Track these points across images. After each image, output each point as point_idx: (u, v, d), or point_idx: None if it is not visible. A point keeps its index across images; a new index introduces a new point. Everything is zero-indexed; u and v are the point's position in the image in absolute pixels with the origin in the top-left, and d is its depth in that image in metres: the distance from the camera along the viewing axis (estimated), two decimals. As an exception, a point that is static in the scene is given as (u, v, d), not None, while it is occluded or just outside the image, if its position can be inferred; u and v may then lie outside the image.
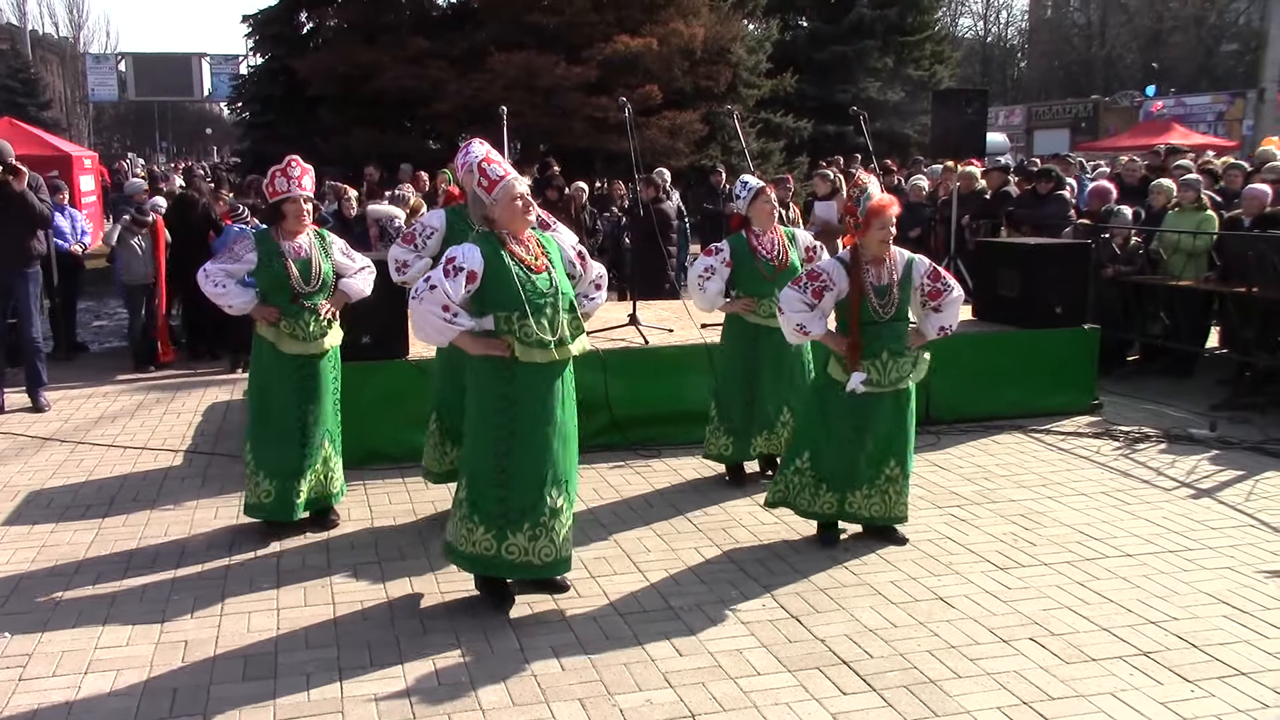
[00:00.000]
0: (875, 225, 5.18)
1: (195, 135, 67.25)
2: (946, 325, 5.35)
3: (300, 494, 5.53)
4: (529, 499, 4.52)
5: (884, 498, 5.42)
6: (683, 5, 17.53)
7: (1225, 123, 36.78)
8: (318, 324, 5.49)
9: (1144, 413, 8.16)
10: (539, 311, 4.43)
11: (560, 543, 4.60)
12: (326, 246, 5.61)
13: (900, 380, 5.30)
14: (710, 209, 14.04)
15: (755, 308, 6.17)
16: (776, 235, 6.30)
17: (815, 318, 5.24)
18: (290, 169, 5.45)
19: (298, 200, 5.42)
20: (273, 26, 20.15)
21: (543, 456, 4.52)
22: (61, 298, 10.79)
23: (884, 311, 5.21)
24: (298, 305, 5.43)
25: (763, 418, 6.31)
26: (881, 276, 5.23)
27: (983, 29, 59.61)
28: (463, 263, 4.37)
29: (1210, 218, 9.21)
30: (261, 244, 5.45)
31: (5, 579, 5.07)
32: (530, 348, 4.42)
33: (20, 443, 7.52)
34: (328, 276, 5.55)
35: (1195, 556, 5.33)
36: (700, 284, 6.19)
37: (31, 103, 42.64)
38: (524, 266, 4.46)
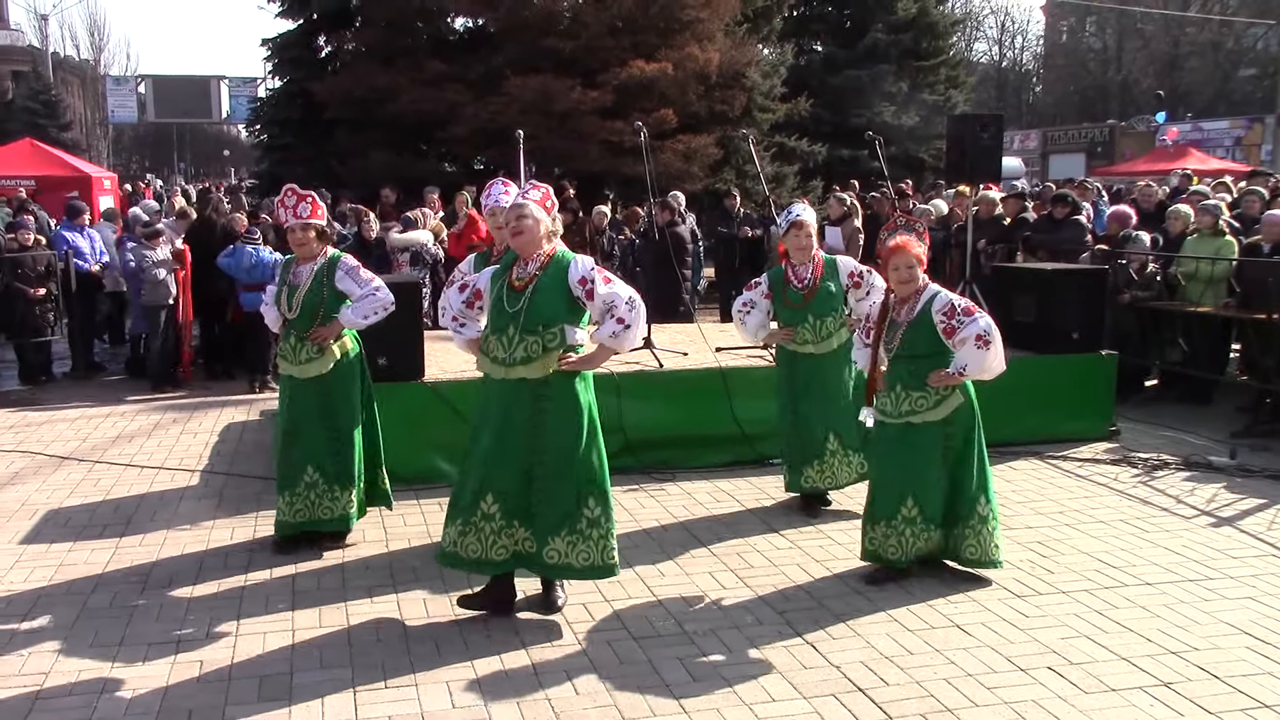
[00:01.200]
0: (890, 266, 5.22)
1: (213, 157, 67.71)
2: (962, 366, 5.10)
3: (281, 511, 5.67)
4: (467, 499, 4.77)
5: (900, 539, 5.24)
6: (698, 30, 17.57)
7: (1243, 148, 36.70)
8: (305, 349, 5.62)
9: (1163, 440, 8.11)
10: (500, 330, 4.69)
11: (488, 545, 4.75)
12: (330, 274, 5.62)
13: (911, 414, 5.21)
14: (725, 233, 14.04)
15: (793, 336, 6.23)
16: (814, 264, 6.30)
17: (864, 355, 5.49)
18: (286, 199, 5.70)
19: (294, 229, 5.64)
20: (291, 50, 20.28)
21: (484, 463, 4.74)
22: (79, 318, 10.87)
23: (889, 348, 5.26)
24: (286, 329, 5.68)
25: (811, 445, 6.25)
26: (900, 314, 5.25)
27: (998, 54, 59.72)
28: (472, 282, 4.96)
29: (1229, 243, 9.17)
30: (283, 268, 5.83)
31: (23, 597, 5.09)
32: (489, 362, 4.75)
33: (38, 462, 7.56)
34: (310, 304, 5.57)
35: (1216, 586, 5.28)
36: (741, 319, 6.40)
37: (52, 124, 42.97)
38: (508, 286, 4.72)
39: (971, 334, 5.05)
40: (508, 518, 4.75)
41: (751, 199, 16.46)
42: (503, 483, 4.73)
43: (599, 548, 4.77)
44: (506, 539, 4.76)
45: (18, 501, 6.63)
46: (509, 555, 4.79)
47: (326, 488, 5.66)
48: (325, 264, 5.66)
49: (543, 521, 4.74)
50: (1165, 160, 28.76)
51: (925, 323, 5.17)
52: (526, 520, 4.77)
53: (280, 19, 20.26)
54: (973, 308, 5.21)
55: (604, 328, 4.72)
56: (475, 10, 18.36)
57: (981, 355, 5.06)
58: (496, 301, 4.73)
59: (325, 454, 5.66)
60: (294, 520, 5.65)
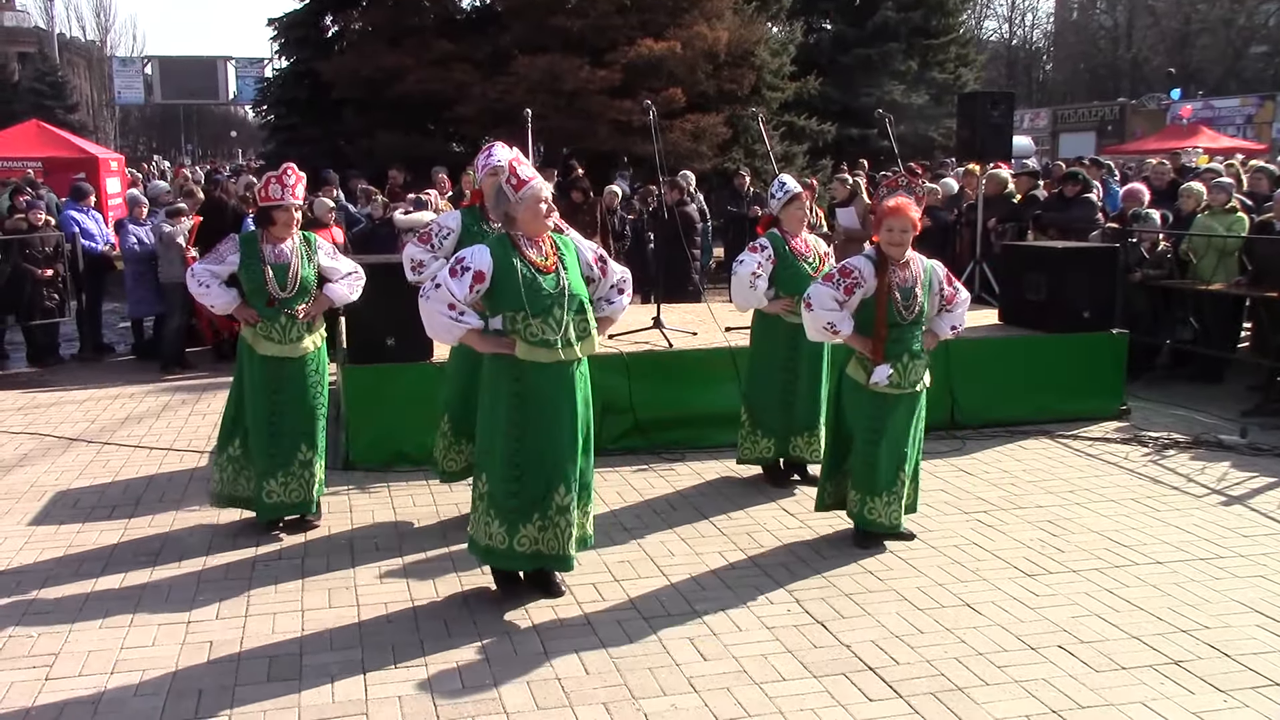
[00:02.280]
0: (885, 227, 5.22)
1: (220, 138, 67.66)
2: (957, 324, 5.51)
3: (273, 494, 5.58)
4: (538, 492, 4.62)
5: (897, 507, 5.39)
6: (706, 9, 17.47)
7: (1254, 125, 36.42)
8: (295, 328, 5.55)
9: (1173, 418, 8.07)
10: (545, 312, 4.52)
11: (564, 539, 4.68)
12: (311, 251, 5.64)
13: (917, 382, 5.34)
14: (734, 212, 14.00)
15: (794, 307, 6.14)
16: (804, 240, 6.32)
17: (844, 317, 5.23)
18: (285, 177, 5.53)
19: (289, 209, 5.52)
20: (298, 30, 20.22)
21: (550, 453, 4.62)
22: (88, 299, 10.88)
23: (907, 314, 5.23)
24: (274, 309, 5.51)
25: (804, 417, 6.29)
26: (906, 279, 5.23)
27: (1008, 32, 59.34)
28: (470, 263, 4.50)
29: (1241, 219, 9.11)
30: (245, 246, 5.54)
31: (32, 578, 5.10)
32: (534, 347, 4.52)
33: (47, 443, 7.58)
34: (306, 282, 5.57)
35: (1227, 564, 5.25)
36: (753, 282, 6.11)
37: (59, 105, 42.96)
38: (532, 267, 4.55)
39: (967, 298, 5.50)
40: (575, 503, 4.71)
41: (761, 178, 16.40)
42: (569, 468, 4.66)
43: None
44: (578, 530, 4.75)
45: (27, 483, 6.64)
46: (574, 540, 4.75)
47: (318, 463, 5.67)
48: (302, 242, 5.62)
49: (579, 500, 4.78)
50: (1176, 138, 28.59)
51: (930, 289, 5.32)
52: (586, 503, 4.81)
53: (287, -2, 20.20)
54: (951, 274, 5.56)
55: (617, 301, 4.91)
56: (482, -11, 18.31)
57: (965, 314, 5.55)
58: (530, 283, 4.50)
59: (314, 432, 5.65)
60: (288, 501, 5.62)
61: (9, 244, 10.16)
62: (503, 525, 4.63)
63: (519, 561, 4.71)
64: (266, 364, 5.56)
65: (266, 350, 5.54)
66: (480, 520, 4.71)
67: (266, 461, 5.57)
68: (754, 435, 6.43)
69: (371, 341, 6.85)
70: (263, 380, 5.58)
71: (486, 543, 4.70)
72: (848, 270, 5.23)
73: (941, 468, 6.79)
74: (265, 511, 5.65)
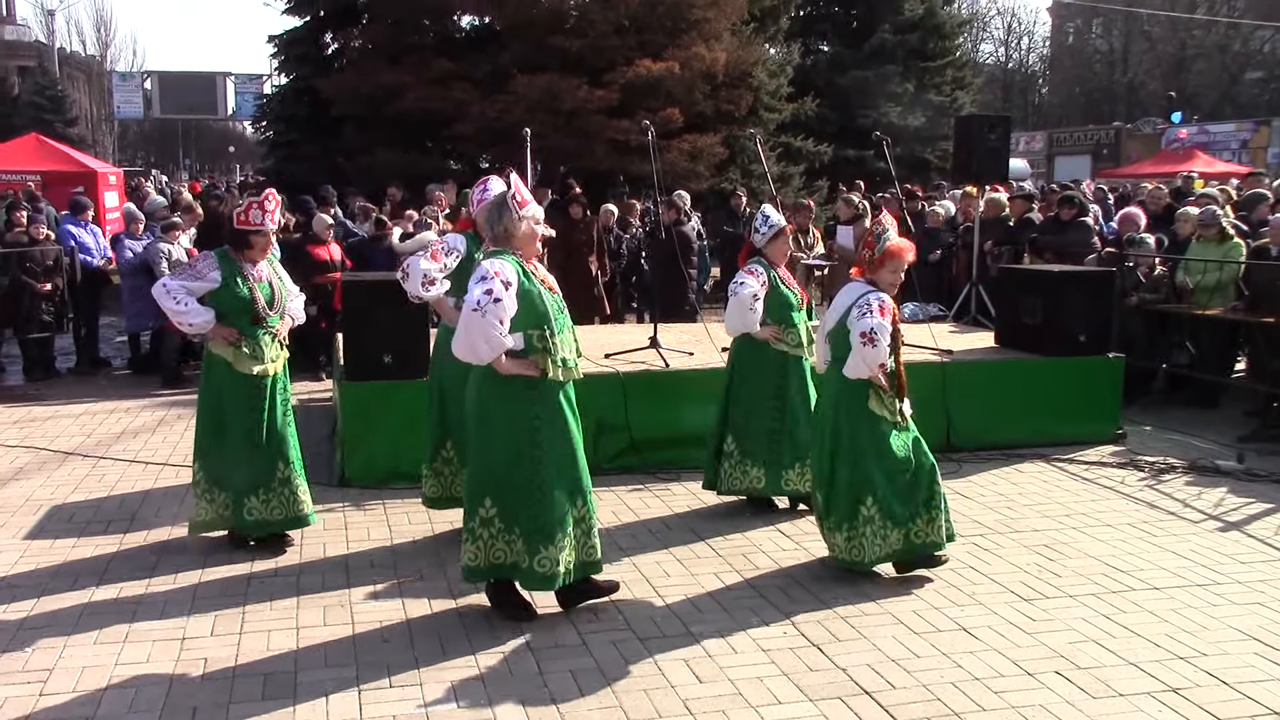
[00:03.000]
0: (889, 267, 5.22)
1: (219, 153, 67.80)
2: None
3: (255, 511, 5.55)
4: (560, 512, 4.65)
5: (933, 524, 5.30)
6: (705, 30, 17.55)
7: (1250, 150, 36.63)
8: (274, 344, 5.60)
9: (1169, 443, 8.08)
10: (561, 331, 4.61)
11: (586, 549, 4.76)
12: (277, 271, 5.75)
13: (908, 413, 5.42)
14: (730, 232, 14.03)
15: (784, 336, 6.17)
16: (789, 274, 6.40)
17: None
18: (266, 203, 5.57)
19: (268, 235, 5.57)
20: (298, 47, 20.28)
21: (570, 470, 4.70)
22: (85, 314, 10.87)
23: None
24: (258, 327, 5.52)
25: (795, 449, 6.16)
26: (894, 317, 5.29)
27: (1004, 55, 59.65)
28: (509, 279, 4.41)
29: (1237, 245, 9.15)
30: (224, 264, 5.48)
31: (27, 593, 5.07)
32: (558, 367, 4.57)
33: (43, 457, 7.56)
34: (284, 301, 5.69)
35: (1224, 591, 5.25)
36: (753, 305, 6.01)
37: (58, 119, 42.99)
38: (544, 286, 4.64)
39: None
40: (592, 517, 4.79)
41: (757, 198, 16.43)
42: (588, 482, 4.79)
43: None
44: (594, 542, 4.81)
45: (22, 497, 6.62)
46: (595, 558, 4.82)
47: (298, 480, 5.65)
48: (270, 263, 5.70)
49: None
50: (1172, 163, 28.71)
51: None
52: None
53: (287, 15, 20.27)
54: None
55: None
56: (482, 8, 18.34)
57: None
58: (554, 303, 4.63)
59: (289, 448, 5.65)
60: (272, 518, 5.59)
61: (8, 257, 10.16)
62: (527, 546, 4.62)
63: (535, 581, 4.69)
64: (247, 382, 5.52)
65: (250, 368, 5.50)
66: (499, 541, 4.65)
67: (250, 479, 5.53)
68: (743, 464, 6.25)
69: (368, 359, 6.85)
70: (245, 398, 5.53)
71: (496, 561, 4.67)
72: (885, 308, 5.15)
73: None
74: (250, 528, 5.61)
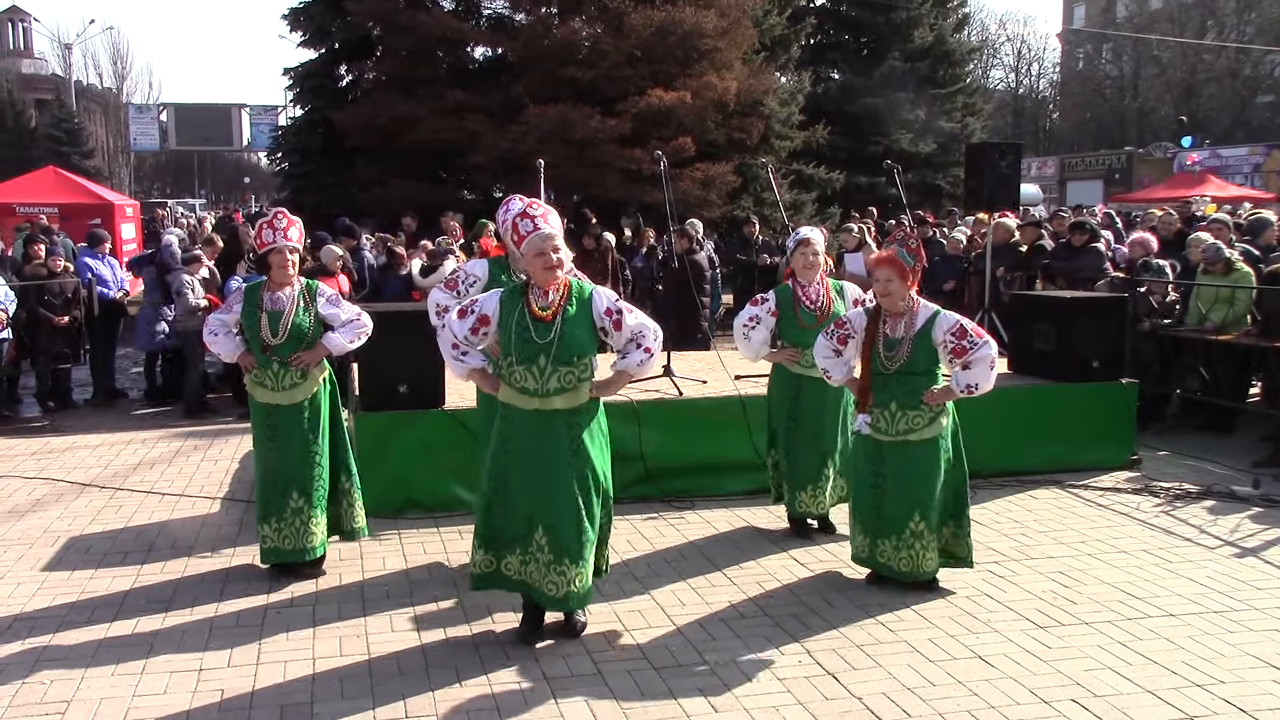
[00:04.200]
0: (874, 277, 5.39)
1: (233, 184, 68.33)
2: (972, 384, 5.25)
3: (269, 539, 5.62)
4: (518, 531, 4.77)
5: (910, 553, 5.39)
6: (716, 59, 17.71)
7: (1262, 174, 36.58)
8: (289, 375, 5.59)
9: (1184, 469, 8.05)
10: (529, 360, 4.63)
11: (542, 577, 4.75)
12: (310, 299, 5.68)
13: (909, 432, 5.34)
14: (743, 260, 14.09)
15: (799, 358, 6.23)
16: (823, 286, 6.35)
17: (838, 364, 5.55)
18: (276, 221, 5.63)
19: (283, 251, 5.56)
20: (313, 79, 20.54)
21: (527, 496, 4.73)
22: (102, 345, 10.96)
23: (889, 364, 5.34)
24: (266, 356, 5.58)
25: (804, 470, 6.29)
26: (896, 329, 5.33)
27: (1014, 81, 59.80)
28: (478, 307, 4.76)
29: (1246, 275, 9.13)
30: (248, 296, 5.66)
31: (45, 625, 5.11)
32: (516, 392, 4.70)
33: (60, 488, 7.61)
34: (299, 329, 5.59)
35: (1241, 618, 5.22)
36: (745, 333, 6.32)
37: (75, 151, 43.57)
38: (530, 316, 4.64)
39: (987, 356, 5.24)
40: (555, 553, 4.70)
41: (770, 226, 16.52)
42: (551, 515, 4.71)
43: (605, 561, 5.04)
44: (557, 576, 4.72)
45: (40, 528, 6.67)
46: (562, 595, 4.74)
47: (311, 514, 5.63)
48: (303, 290, 5.67)
49: (588, 550, 4.77)
50: (1184, 187, 28.70)
51: (927, 341, 5.30)
52: (574, 557, 4.72)
53: (302, 48, 20.53)
54: (980, 329, 5.40)
55: (631, 356, 4.80)
56: (495, 40, 18.56)
57: (990, 376, 5.29)
58: (521, 331, 4.62)
59: (307, 480, 5.63)
60: (284, 547, 5.62)
61: (26, 290, 10.27)
62: (489, 553, 4.83)
63: (507, 584, 4.85)
64: (263, 411, 5.64)
65: (262, 397, 5.63)
66: (472, 548, 4.90)
67: (263, 507, 5.64)
68: (777, 475, 6.50)
69: (383, 389, 6.89)
70: (261, 426, 5.67)
71: (475, 570, 4.88)
72: (841, 322, 5.55)
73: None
74: (265, 555, 5.70)
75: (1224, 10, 45.55)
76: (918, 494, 5.37)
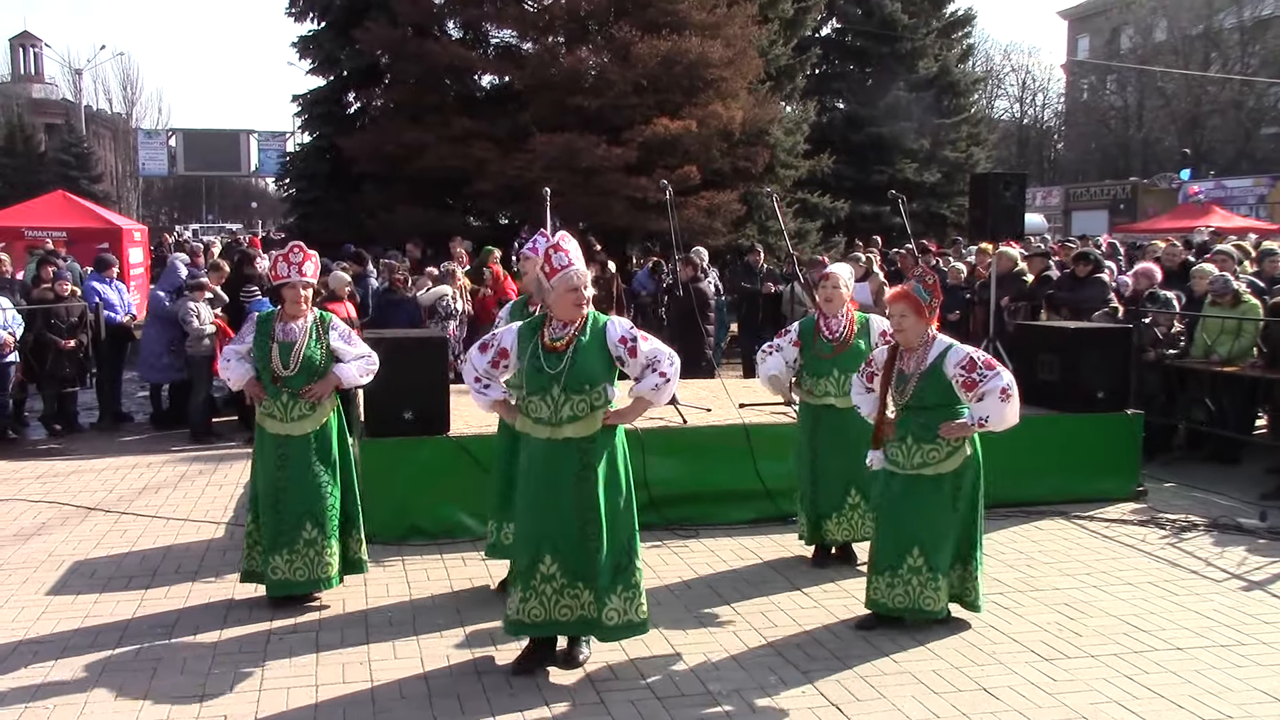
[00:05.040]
0: (887, 311, 5.49)
1: (241, 208, 68.55)
2: (983, 416, 5.15)
3: (278, 570, 5.54)
4: (525, 561, 4.77)
5: (908, 589, 5.31)
6: (721, 88, 17.79)
7: (1267, 205, 36.60)
8: (298, 406, 5.57)
9: (1191, 501, 8.03)
10: (541, 390, 4.70)
11: (551, 606, 4.74)
12: (323, 332, 5.67)
13: (924, 466, 5.30)
14: (748, 288, 14.11)
15: (805, 391, 6.36)
16: (846, 319, 6.37)
17: (869, 399, 5.58)
18: (292, 255, 5.63)
19: (296, 287, 5.58)
20: (321, 106, 20.67)
21: (534, 526, 4.77)
22: (108, 369, 10.99)
23: (899, 398, 5.37)
24: (276, 387, 5.56)
25: (830, 498, 6.33)
26: (909, 365, 5.35)
27: (1019, 111, 60.00)
28: (497, 341, 4.89)
29: (1254, 307, 9.13)
30: (260, 326, 5.67)
31: (49, 649, 5.10)
32: (531, 422, 4.76)
33: (65, 512, 7.62)
34: (311, 361, 5.58)
35: (1249, 652, 5.20)
36: (762, 357, 6.51)
37: (84, 176, 43.76)
38: (543, 348, 4.71)
39: (996, 388, 5.13)
40: (569, 577, 4.74)
41: (774, 255, 16.55)
42: (558, 541, 4.73)
43: (641, 600, 4.90)
44: (571, 599, 4.75)
45: (45, 552, 6.67)
46: (574, 618, 4.78)
47: (326, 543, 5.59)
48: (316, 322, 5.68)
49: (602, 580, 4.75)
50: (1189, 218, 28.72)
51: (937, 375, 5.27)
52: (588, 580, 4.76)
53: (311, 76, 20.66)
54: (993, 361, 5.32)
55: (646, 381, 4.80)
56: (502, 69, 18.68)
57: (1003, 409, 5.17)
58: (533, 362, 4.72)
59: (320, 511, 5.59)
60: (294, 579, 5.57)
61: (34, 313, 10.31)
62: (512, 589, 4.86)
63: (513, 627, 4.82)
64: (273, 441, 5.62)
65: (271, 428, 5.62)
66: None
67: (272, 538, 5.56)
68: (800, 512, 6.53)
69: (388, 415, 6.90)
70: (270, 457, 5.63)
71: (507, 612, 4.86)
72: (869, 360, 5.63)
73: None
74: (272, 588, 5.63)
75: (1228, 43, 45.72)
76: (914, 528, 5.30)
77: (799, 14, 21.92)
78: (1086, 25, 55.89)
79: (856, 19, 25.42)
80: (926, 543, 5.30)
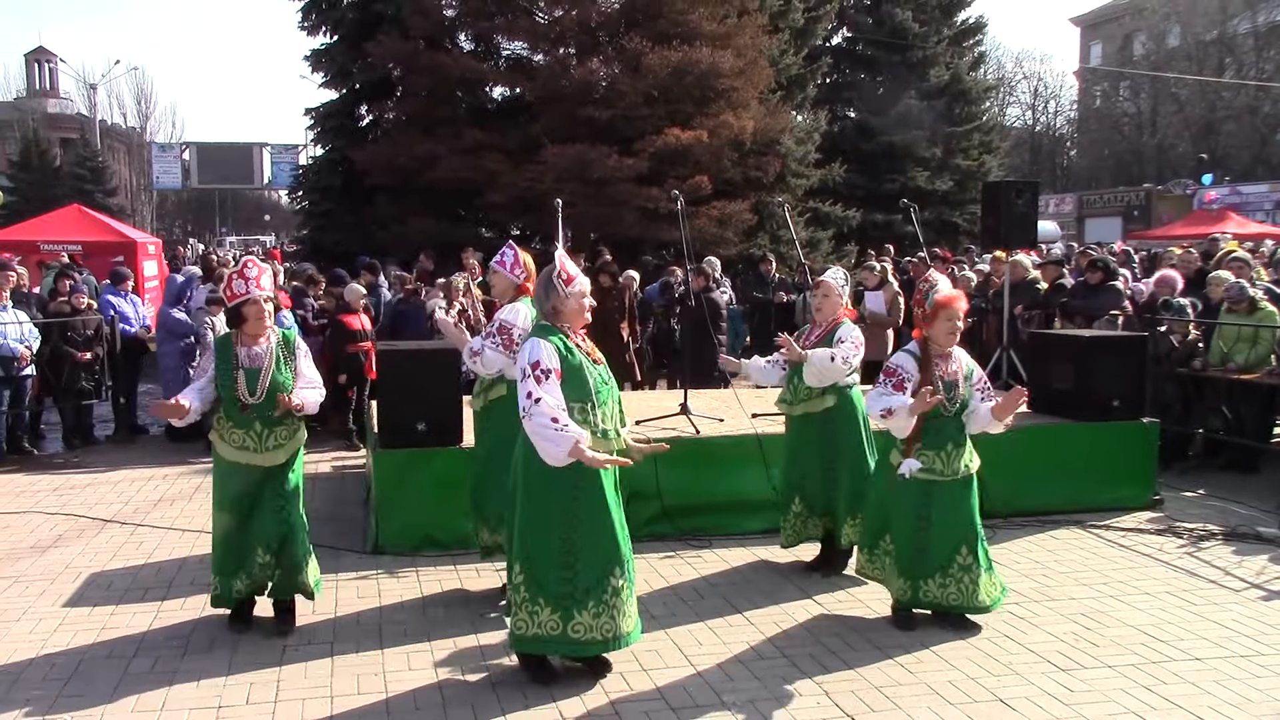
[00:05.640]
0: (943, 317, 5.38)
1: (254, 221, 68.88)
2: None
3: (239, 591, 5.39)
4: (593, 578, 4.66)
5: (960, 586, 5.44)
6: (733, 98, 17.83)
7: (1283, 211, 36.41)
8: (273, 435, 5.28)
9: (1208, 509, 7.98)
10: (605, 403, 4.67)
11: (620, 619, 4.72)
12: (289, 354, 5.40)
13: (961, 469, 5.43)
14: (759, 298, 14.10)
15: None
16: (825, 327, 6.39)
17: (903, 410, 5.30)
18: (247, 269, 5.33)
19: (257, 301, 5.25)
20: (333, 119, 20.79)
21: (606, 539, 4.69)
22: (124, 381, 11.04)
23: (950, 406, 5.37)
24: (247, 416, 5.24)
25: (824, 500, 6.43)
26: (950, 372, 5.33)
27: (1031, 118, 59.83)
28: (547, 364, 4.51)
29: (1271, 314, 9.08)
30: (219, 353, 5.32)
31: (66, 661, 5.12)
32: (598, 439, 4.57)
33: (81, 524, 7.65)
34: (279, 386, 5.27)
35: (1268, 662, 5.16)
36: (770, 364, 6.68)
37: (99, 189, 44.04)
38: (589, 359, 4.69)
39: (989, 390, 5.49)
40: (630, 587, 4.79)
41: (786, 264, 16.55)
42: (627, 550, 4.78)
43: None
44: (631, 608, 4.81)
45: (61, 564, 6.69)
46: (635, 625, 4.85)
47: (292, 565, 5.39)
48: (280, 342, 5.39)
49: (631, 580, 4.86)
50: (1204, 224, 28.58)
51: (970, 379, 5.46)
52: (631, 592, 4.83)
53: (323, 89, 20.80)
54: None
55: None
56: (513, 80, 18.76)
57: None
58: (594, 375, 4.67)
59: (275, 538, 5.33)
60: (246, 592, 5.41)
61: (49, 326, 10.37)
62: (555, 613, 4.66)
63: (571, 647, 4.72)
64: (235, 470, 5.31)
65: (237, 458, 5.27)
66: (523, 611, 4.70)
67: (235, 562, 5.35)
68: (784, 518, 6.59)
69: (402, 426, 6.91)
70: (233, 483, 5.32)
71: (535, 632, 4.69)
72: (891, 370, 5.47)
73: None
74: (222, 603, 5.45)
75: (1242, 48, 45.55)
76: (963, 529, 5.45)
77: (809, 23, 21.97)
78: (1099, 32, 55.78)
79: (867, 28, 25.46)
80: (970, 540, 5.46)
